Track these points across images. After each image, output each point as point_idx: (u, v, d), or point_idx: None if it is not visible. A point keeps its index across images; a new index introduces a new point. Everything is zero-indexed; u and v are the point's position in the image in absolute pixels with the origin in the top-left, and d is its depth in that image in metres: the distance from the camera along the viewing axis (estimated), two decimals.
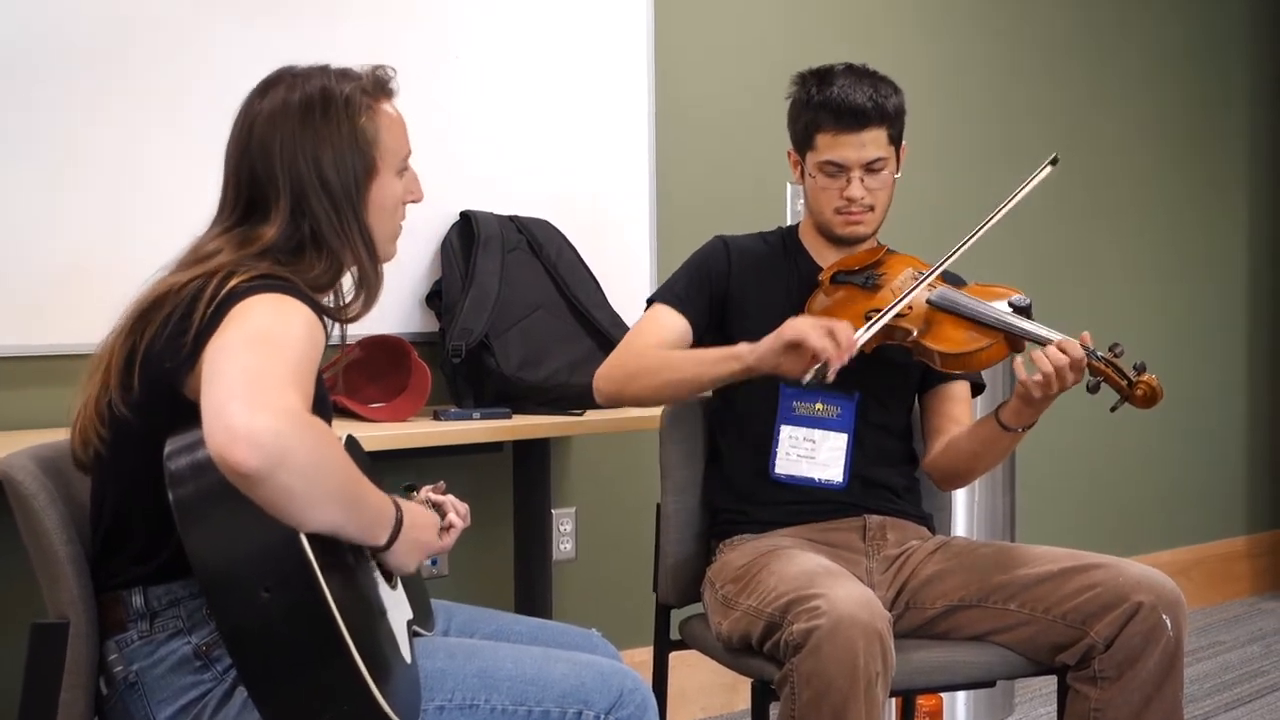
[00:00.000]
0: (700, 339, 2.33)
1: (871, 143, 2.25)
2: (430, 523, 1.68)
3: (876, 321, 2.14)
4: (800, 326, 2.06)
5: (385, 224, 1.70)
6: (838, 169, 2.27)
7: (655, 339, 2.30)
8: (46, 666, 1.59)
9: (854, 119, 2.24)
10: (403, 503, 1.60)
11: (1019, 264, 3.99)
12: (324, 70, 1.69)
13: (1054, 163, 2.22)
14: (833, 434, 2.29)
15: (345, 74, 1.69)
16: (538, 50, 3.08)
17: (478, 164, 2.98)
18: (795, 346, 2.05)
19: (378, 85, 1.71)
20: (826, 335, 2.04)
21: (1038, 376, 2.09)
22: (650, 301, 2.38)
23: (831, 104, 2.25)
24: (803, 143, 2.31)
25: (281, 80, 1.68)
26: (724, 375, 2.18)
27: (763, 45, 3.48)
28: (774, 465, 2.28)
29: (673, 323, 2.31)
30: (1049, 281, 4.10)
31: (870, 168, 2.27)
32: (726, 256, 2.37)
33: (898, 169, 2.32)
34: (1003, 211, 2.21)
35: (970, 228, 2.24)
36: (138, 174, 2.57)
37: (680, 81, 3.33)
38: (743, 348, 2.14)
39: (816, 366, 2.04)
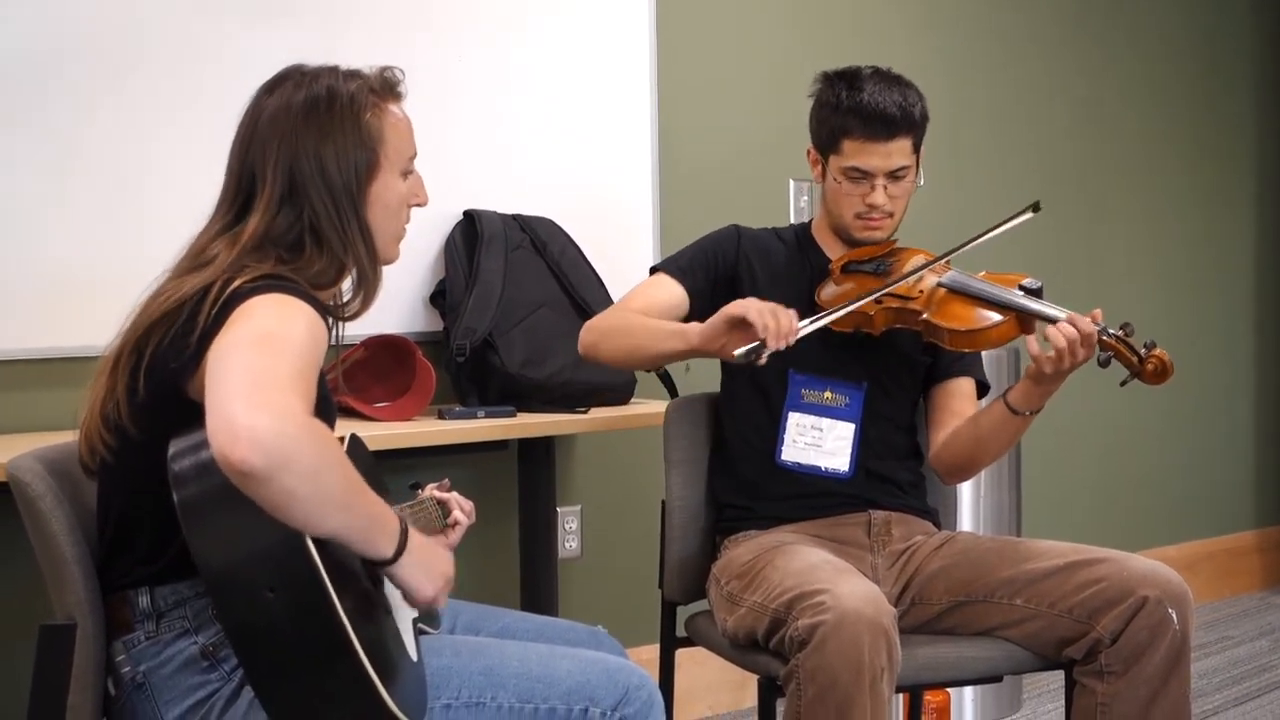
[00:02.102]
0: (698, 314, 2.34)
1: (898, 151, 2.25)
2: (445, 555, 1.62)
3: (822, 317, 2.13)
4: (745, 303, 2.04)
5: (387, 223, 1.70)
6: (862, 175, 2.26)
7: (644, 302, 2.31)
8: (54, 668, 1.59)
9: (884, 127, 2.23)
10: (414, 530, 1.55)
11: (1024, 257, 3.98)
12: (332, 70, 1.70)
13: (1035, 209, 2.21)
14: (840, 423, 2.29)
15: (353, 74, 1.70)
16: (540, 50, 3.08)
17: (481, 163, 2.99)
18: (738, 324, 2.04)
19: (385, 86, 1.71)
20: (770, 315, 2.02)
21: (1051, 352, 2.08)
22: (653, 270, 2.38)
23: (862, 111, 2.24)
24: (827, 145, 2.30)
25: (289, 78, 1.69)
26: (671, 350, 2.18)
27: (765, 42, 3.48)
28: (780, 452, 2.29)
29: (669, 289, 2.32)
30: (1055, 275, 4.09)
31: (894, 175, 2.26)
32: (737, 244, 2.37)
33: (918, 175, 2.31)
34: (975, 244, 2.21)
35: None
36: (144, 178, 2.57)
37: (683, 78, 3.33)
38: (692, 326, 2.14)
39: (753, 345, 2.01)
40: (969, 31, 3.95)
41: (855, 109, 2.24)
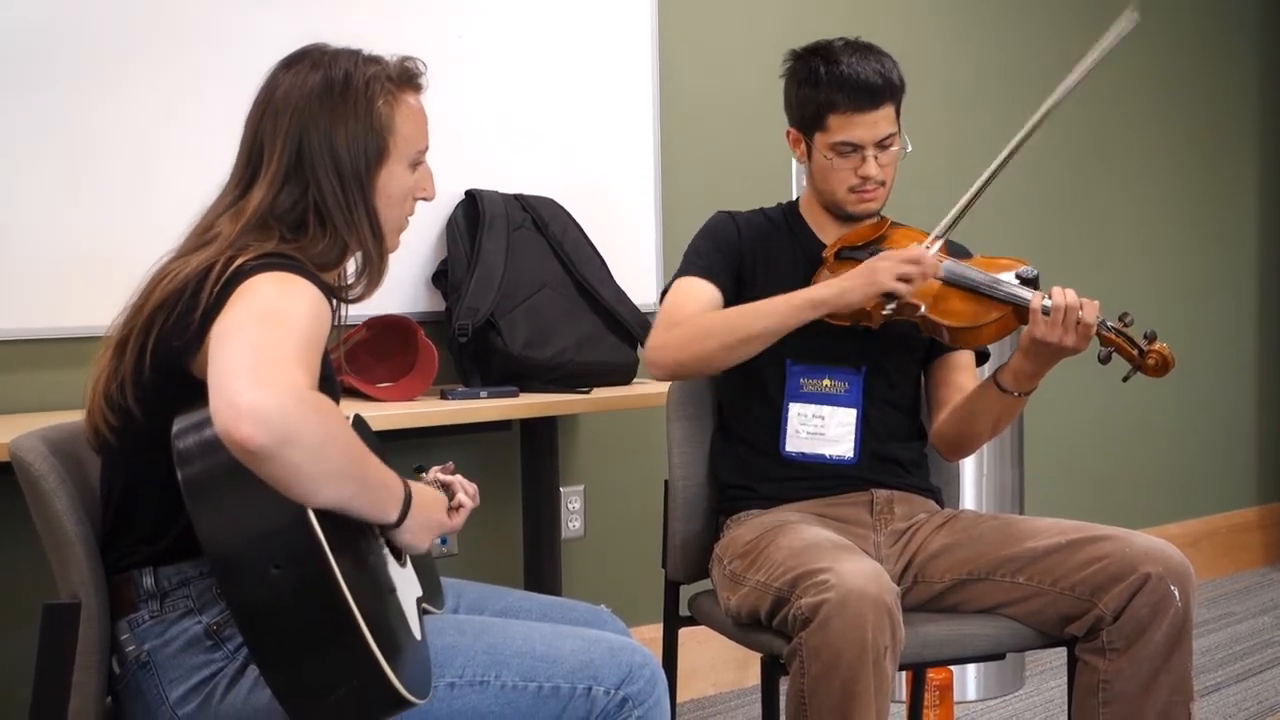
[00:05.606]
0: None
1: (883, 120, 2.24)
2: (439, 501, 1.70)
3: (945, 228, 2.19)
4: (882, 280, 2.10)
5: (390, 213, 1.70)
6: (852, 148, 2.25)
7: (696, 306, 2.26)
8: (59, 647, 1.60)
9: (869, 98, 2.22)
10: (411, 482, 1.61)
11: (1027, 233, 3.98)
12: (353, 54, 1.69)
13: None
14: (841, 409, 2.29)
15: (373, 59, 1.70)
16: (542, 30, 3.07)
17: (482, 143, 2.98)
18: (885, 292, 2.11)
19: (404, 75, 1.71)
20: (916, 273, 2.10)
21: (1048, 317, 2.08)
22: (670, 284, 2.33)
23: (845, 83, 2.22)
24: (811, 123, 2.28)
25: (308, 56, 1.69)
26: (802, 322, 2.16)
27: (768, 19, 3.47)
28: (784, 444, 2.29)
29: (707, 290, 2.28)
30: (1056, 253, 4.09)
31: (882, 144, 2.26)
32: (735, 227, 2.36)
33: (904, 142, 2.31)
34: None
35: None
36: (153, 159, 2.57)
37: (685, 59, 3.32)
38: (818, 293, 2.14)
39: (894, 304, 2.11)
40: (971, 16, 3.94)
41: (837, 82, 2.23)
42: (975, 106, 3.94)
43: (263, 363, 1.37)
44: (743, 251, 2.33)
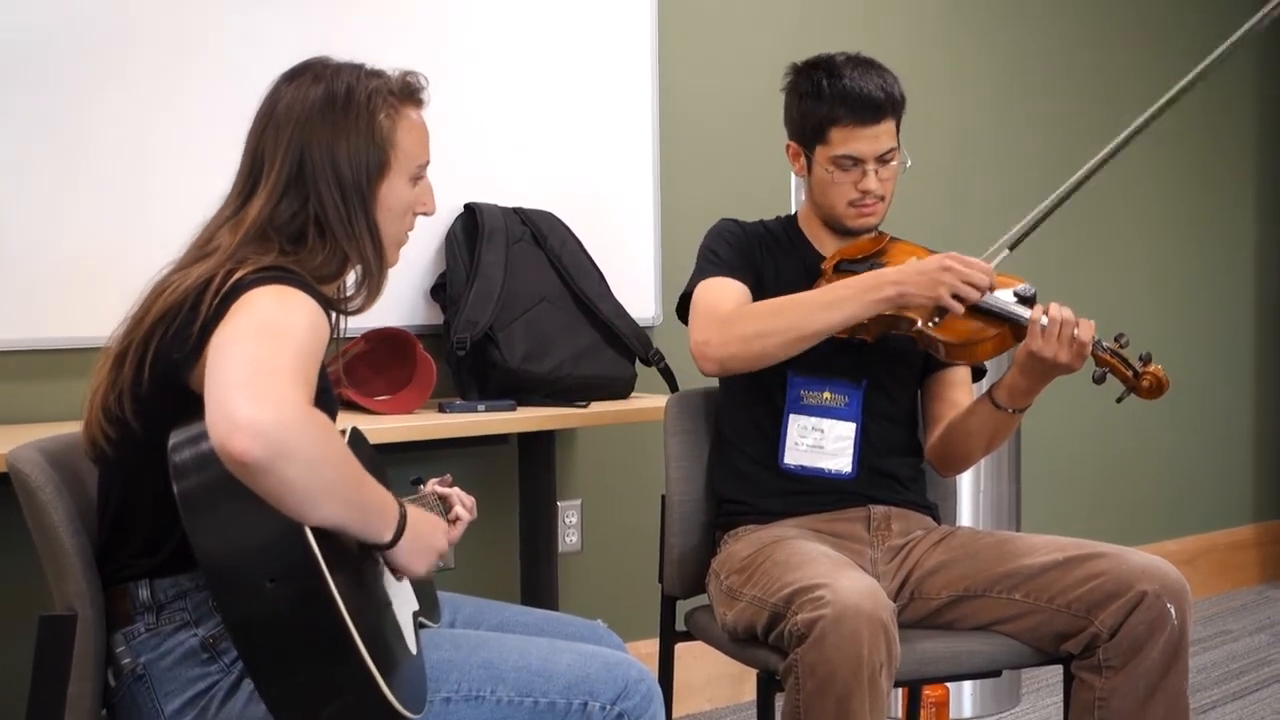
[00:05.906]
0: None
1: (884, 134, 2.25)
2: (437, 526, 1.68)
3: (1004, 243, 2.20)
4: (944, 286, 2.08)
5: (389, 227, 1.70)
6: (853, 162, 2.26)
7: (733, 303, 2.23)
8: (54, 659, 1.60)
9: (872, 112, 2.23)
10: (408, 505, 1.60)
11: (1025, 251, 3.98)
12: (355, 68, 1.70)
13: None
14: (840, 423, 2.29)
15: (375, 73, 1.70)
16: (541, 43, 3.07)
17: (481, 156, 2.98)
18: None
19: (405, 89, 1.71)
20: (964, 286, 2.08)
21: (1043, 331, 2.08)
22: (690, 289, 2.31)
23: (848, 97, 2.23)
24: (813, 136, 2.28)
25: (310, 69, 1.69)
26: (875, 314, 2.14)
27: (766, 39, 3.47)
28: (783, 456, 2.29)
29: (738, 288, 2.27)
30: (1054, 270, 4.10)
31: (883, 159, 2.26)
32: (744, 233, 2.37)
33: (904, 156, 2.31)
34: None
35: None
36: (146, 168, 2.58)
37: (684, 72, 3.33)
38: (885, 290, 2.11)
39: (937, 317, 2.10)
40: (978, 30, 3.95)
41: (840, 96, 2.24)
42: (981, 122, 3.94)
43: (261, 376, 1.37)
44: (754, 254, 2.34)
